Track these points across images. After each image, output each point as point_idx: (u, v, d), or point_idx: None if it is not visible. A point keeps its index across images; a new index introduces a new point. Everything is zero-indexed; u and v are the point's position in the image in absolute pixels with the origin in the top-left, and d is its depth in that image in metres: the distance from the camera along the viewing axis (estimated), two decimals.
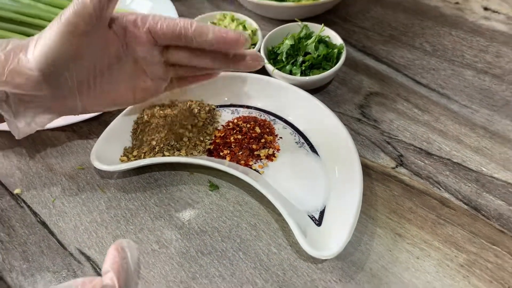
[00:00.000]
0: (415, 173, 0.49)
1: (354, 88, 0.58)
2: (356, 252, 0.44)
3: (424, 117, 0.54)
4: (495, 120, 0.53)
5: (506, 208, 0.46)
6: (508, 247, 0.43)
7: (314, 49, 0.54)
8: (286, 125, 0.53)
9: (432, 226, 0.45)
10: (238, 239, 0.45)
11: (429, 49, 0.62)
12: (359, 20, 0.66)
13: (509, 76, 0.58)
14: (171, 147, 0.49)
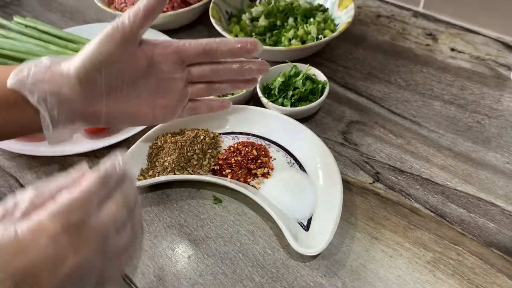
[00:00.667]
0: (389, 187, 0.57)
1: (337, 117, 0.67)
2: (338, 252, 0.51)
3: (398, 141, 0.63)
4: (458, 142, 0.62)
5: (467, 215, 0.54)
6: (468, 247, 0.51)
7: (301, 85, 0.64)
8: (279, 148, 0.61)
9: (404, 230, 0.53)
10: (238, 243, 0.53)
11: (403, 84, 0.71)
12: (342, 60, 0.77)
13: (472, 106, 0.67)
14: (181, 167, 0.58)
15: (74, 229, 0.29)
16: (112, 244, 0.32)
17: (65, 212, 0.29)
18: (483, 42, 0.78)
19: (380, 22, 0.84)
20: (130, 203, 0.34)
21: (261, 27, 0.77)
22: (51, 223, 0.28)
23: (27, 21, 0.81)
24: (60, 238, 0.29)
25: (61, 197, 0.30)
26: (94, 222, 0.30)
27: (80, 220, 0.30)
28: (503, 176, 0.57)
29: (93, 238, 0.30)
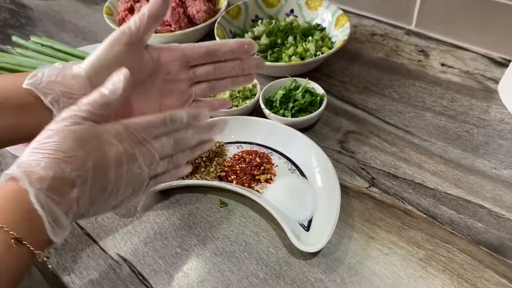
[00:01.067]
0: (384, 191, 0.61)
1: (335, 128, 0.71)
2: (337, 251, 0.55)
3: (392, 149, 0.67)
4: (449, 150, 0.66)
5: (457, 216, 0.58)
6: (458, 245, 0.55)
7: (301, 97, 0.69)
8: (281, 156, 0.66)
9: (398, 230, 0.57)
10: (244, 243, 0.57)
11: (396, 97, 0.76)
12: (339, 75, 0.82)
13: (461, 116, 0.71)
14: (190, 174, 0.62)
15: (134, 142, 0.41)
16: (153, 166, 0.43)
17: (140, 128, 0.42)
18: (472, 58, 0.83)
19: (375, 40, 0.90)
20: (182, 146, 0.46)
21: (263, 45, 0.82)
22: (120, 127, 0.41)
23: (43, 40, 0.86)
24: (126, 142, 0.41)
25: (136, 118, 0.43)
26: (149, 146, 0.43)
27: (142, 138, 0.42)
28: (490, 181, 0.61)
29: (145, 156, 0.42)
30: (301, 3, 0.90)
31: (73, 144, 0.38)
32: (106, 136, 0.40)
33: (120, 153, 0.40)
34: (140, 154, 0.42)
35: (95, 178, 0.38)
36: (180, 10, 0.87)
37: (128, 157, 0.41)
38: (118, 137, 0.40)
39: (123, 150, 0.40)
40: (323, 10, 0.88)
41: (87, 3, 1.10)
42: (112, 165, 0.40)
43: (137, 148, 0.42)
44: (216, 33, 0.82)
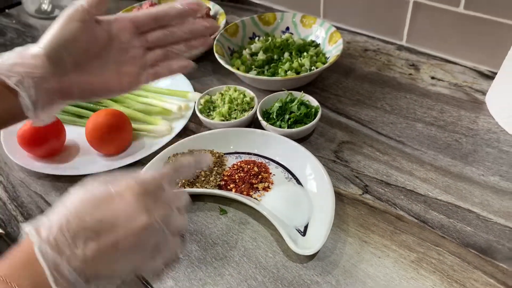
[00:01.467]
0: (377, 198, 0.64)
1: (330, 138, 0.74)
2: (332, 254, 0.57)
3: (384, 158, 0.70)
4: (439, 158, 0.69)
5: (446, 221, 0.60)
6: (448, 248, 0.57)
7: (297, 109, 0.72)
8: (277, 165, 0.69)
9: (390, 235, 0.59)
10: (243, 248, 0.59)
11: (388, 109, 0.79)
12: (333, 89, 0.85)
13: (450, 126, 0.75)
14: (190, 183, 0.65)
15: (150, 195, 0.40)
16: (173, 220, 0.42)
17: (148, 182, 0.41)
18: (460, 71, 0.87)
19: (367, 55, 0.94)
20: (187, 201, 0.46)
21: (260, 61, 0.86)
22: (137, 185, 0.40)
23: None
24: (141, 198, 0.39)
25: (144, 173, 0.43)
26: (164, 197, 0.42)
27: (156, 189, 0.41)
28: (479, 187, 0.64)
29: (162, 207, 0.41)
30: (296, 21, 0.94)
31: (86, 201, 0.39)
32: (117, 191, 0.40)
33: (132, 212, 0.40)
34: (155, 210, 0.41)
35: (104, 234, 0.38)
36: None
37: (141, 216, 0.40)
38: (130, 192, 0.40)
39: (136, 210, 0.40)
40: (317, 27, 0.92)
41: None
42: (120, 224, 0.39)
43: (153, 205, 0.41)
44: (215, 49, 0.86)
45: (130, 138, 0.74)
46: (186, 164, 0.47)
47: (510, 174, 0.65)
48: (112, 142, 0.71)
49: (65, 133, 0.75)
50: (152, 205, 0.40)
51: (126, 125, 0.72)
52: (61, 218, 0.38)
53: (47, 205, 0.67)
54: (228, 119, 0.74)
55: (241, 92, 0.78)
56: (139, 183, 0.41)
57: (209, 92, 0.80)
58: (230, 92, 0.78)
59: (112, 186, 0.40)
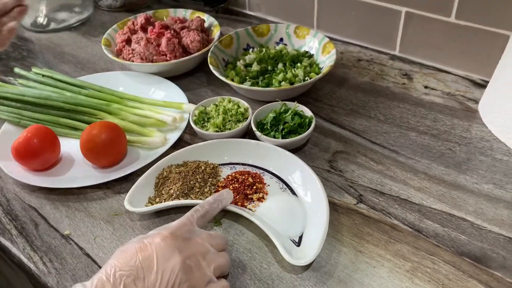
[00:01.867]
0: (371, 207, 0.64)
1: (324, 148, 0.75)
2: (327, 264, 0.57)
3: (378, 167, 0.70)
4: (432, 167, 0.70)
5: (441, 229, 0.60)
6: (443, 257, 0.57)
7: (291, 120, 0.72)
8: (272, 175, 0.69)
9: (385, 244, 0.59)
10: (237, 259, 0.59)
11: (382, 118, 0.80)
12: (327, 99, 0.85)
13: (444, 135, 0.75)
14: (184, 194, 0.65)
15: (179, 237, 0.48)
16: (210, 258, 0.50)
17: (175, 227, 0.50)
18: (453, 80, 0.87)
19: (361, 65, 0.94)
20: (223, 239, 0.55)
21: (254, 72, 0.86)
22: (164, 231, 0.49)
23: (44, 71, 0.90)
24: (168, 239, 0.47)
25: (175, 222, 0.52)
26: (195, 237, 0.51)
27: (184, 232, 0.50)
28: (473, 195, 0.64)
29: (195, 245, 0.49)
30: (290, 32, 0.95)
31: (123, 254, 0.47)
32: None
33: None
34: (187, 249, 0.49)
35: (145, 278, 0.45)
36: (175, 40, 0.92)
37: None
38: (160, 237, 0.48)
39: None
40: (310, 38, 0.93)
41: (86, 36, 1.15)
42: (157, 267, 0.46)
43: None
44: (210, 61, 0.86)
45: (124, 150, 0.74)
46: (211, 204, 0.57)
47: (503, 182, 0.66)
48: (106, 154, 0.71)
49: (59, 145, 0.75)
50: (183, 245, 0.48)
51: (120, 137, 0.72)
52: (100, 272, 0.45)
53: (41, 218, 0.67)
54: (222, 130, 0.75)
55: (235, 103, 0.79)
56: (167, 228, 0.49)
57: (203, 103, 0.80)
58: (225, 103, 0.78)
59: (145, 239, 0.48)
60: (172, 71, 0.92)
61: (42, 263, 0.60)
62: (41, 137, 0.71)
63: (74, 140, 0.78)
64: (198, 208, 0.55)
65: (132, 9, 1.24)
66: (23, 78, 0.92)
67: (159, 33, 0.94)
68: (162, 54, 0.92)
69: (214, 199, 0.58)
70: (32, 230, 0.65)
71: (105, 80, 0.91)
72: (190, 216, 0.53)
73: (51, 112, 0.81)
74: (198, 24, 0.97)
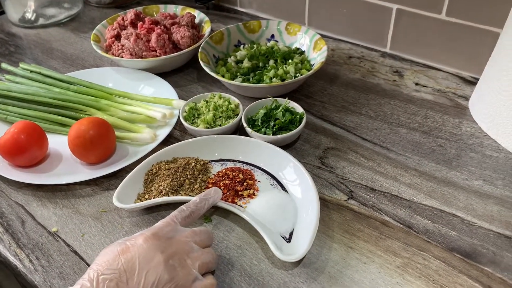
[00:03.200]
0: (362, 203, 0.64)
1: (315, 145, 0.74)
2: (317, 261, 0.57)
3: (369, 163, 0.70)
4: (423, 163, 0.70)
5: (431, 225, 0.60)
6: (433, 253, 0.57)
7: (282, 116, 0.72)
8: (263, 172, 0.68)
9: (376, 240, 0.59)
10: (227, 256, 0.58)
11: (373, 115, 0.80)
12: (318, 96, 0.85)
13: (434, 132, 0.75)
14: (174, 191, 0.64)
15: (162, 237, 0.48)
16: (195, 254, 0.49)
17: (157, 228, 0.50)
18: (444, 77, 0.87)
19: (352, 62, 0.94)
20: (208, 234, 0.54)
21: (245, 68, 0.86)
22: (147, 232, 0.48)
23: (32, 67, 0.89)
24: (150, 240, 0.47)
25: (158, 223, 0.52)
26: (178, 236, 0.50)
27: (167, 232, 0.49)
28: (463, 191, 0.64)
29: (178, 243, 0.49)
30: (281, 28, 0.95)
31: (106, 257, 0.46)
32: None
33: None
34: (170, 248, 0.49)
35: (129, 279, 0.45)
36: (165, 36, 0.91)
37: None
38: (142, 238, 0.48)
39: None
40: (302, 35, 0.92)
41: (75, 31, 1.14)
42: (140, 267, 0.46)
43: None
44: (200, 57, 0.86)
45: (113, 146, 0.73)
46: (197, 204, 0.56)
47: (493, 178, 0.66)
48: (95, 151, 0.70)
49: (47, 141, 0.73)
50: (165, 244, 0.47)
51: (109, 133, 0.71)
52: (83, 278, 0.45)
53: (28, 215, 0.66)
54: (213, 126, 0.74)
55: (226, 99, 0.78)
56: (150, 229, 0.49)
57: (193, 100, 0.80)
58: (215, 99, 0.78)
59: (128, 241, 0.47)
60: (162, 67, 0.92)
61: (28, 260, 0.59)
62: (28, 133, 0.70)
63: (62, 136, 0.77)
64: (183, 208, 0.55)
65: (122, 5, 1.23)
66: (10, 73, 0.90)
67: (149, 28, 0.93)
68: (152, 50, 0.91)
69: (201, 199, 0.57)
70: (18, 227, 0.64)
71: (94, 76, 0.90)
72: (173, 217, 0.53)
73: (38, 108, 0.80)
74: (188, 20, 0.97)
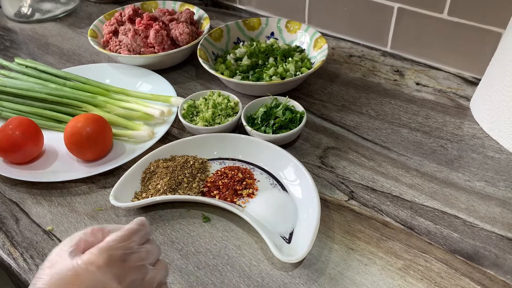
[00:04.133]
0: (363, 204, 0.63)
1: (315, 144, 0.73)
2: (318, 262, 0.56)
3: (370, 163, 0.69)
4: (424, 164, 0.69)
5: (433, 227, 0.59)
6: (435, 254, 0.56)
7: (282, 114, 0.71)
8: (262, 171, 0.67)
9: (377, 241, 0.58)
10: (226, 257, 0.57)
11: (373, 114, 0.79)
12: (318, 95, 0.84)
13: (436, 132, 0.74)
14: (172, 189, 0.63)
15: (117, 261, 0.39)
16: (150, 277, 0.41)
17: (111, 248, 0.39)
18: (445, 77, 0.87)
19: (352, 61, 0.93)
20: (158, 250, 0.44)
21: (244, 66, 0.85)
22: (98, 257, 0.38)
23: (28, 62, 0.88)
24: (104, 269, 0.38)
25: (108, 236, 0.40)
26: (134, 257, 0.40)
27: (122, 255, 0.39)
28: (465, 192, 0.64)
29: (134, 270, 0.39)
30: (281, 26, 0.94)
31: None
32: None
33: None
34: (127, 275, 0.40)
35: None
36: (164, 32, 0.90)
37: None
38: (95, 266, 0.39)
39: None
40: (302, 33, 0.91)
41: (72, 27, 1.12)
42: None
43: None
44: (199, 54, 0.84)
45: (110, 143, 0.72)
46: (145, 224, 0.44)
47: (495, 179, 0.65)
48: (91, 148, 0.69)
49: (42, 138, 0.72)
50: (121, 272, 0.39)
51: (106, 130, 0.70)
52: None
53: (23, 213, 0.64)
54: (212, 124, 0.73)
55: (225, 97, 0.77)
56: (103, 250, 0.39)
57: (192, 97, 0.78)
58: (214, 97, 0.77)
59: (77, 262, 0.37)
60: (160, 64, 0.90)
61: (22, 259, 0.58)
62: (24, 130, 0.69)
63: (58, 132, 0.76)
64: (137, 221, 0.44)
65: (120, 0, 1.21)
66: (5, 69, 0.89)
67: (147, 24, 0.91)
68: (150, 46, 0.90)
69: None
70: (12, 225, 0.63)
71: (91, 72, 0.89)
72: (129, 232, 0.42)
73: (34, 104, 0.79)
74: (187, 16, 0.95)
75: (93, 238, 0.40)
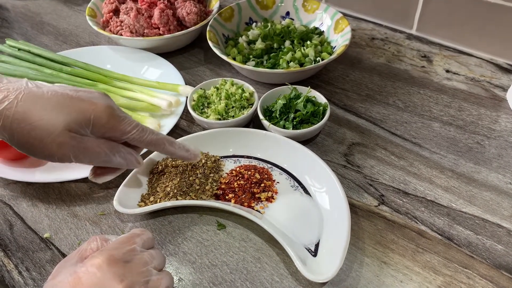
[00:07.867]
0: (395, 210, 0.57)
1: (338, 140, 0.67)
2: (348, 278, 0.50)
3: (400, 162, 0.63)
4: (460, 163, 0.62)
5: (474, 237, 0.53)
6: (478, 270, 0.50)
7: (303, 107, 0.64)
8: (282, 171, 0.61)
9: (412, 254, 0.52)
10: (245, 271, 0.51)
11: (401, 106, 0.72)
12: (339, 83, 0.77)
13: (470, 127, 0.67)
14: (183, 192, 0.57)
15: (119, 261, 0.38)
16: (154, 280, 0.40)
17: (114, 248, 0.39)
18: (477, 64, 0.79)
19: (375, 45, 0.85)
20: (162, 258, 0.44)
21: (258, 50, 0.77)
22: (98, 257, 0.38)
23: (20, 44, 0.80)
24: (106, 266, 0.37)
25: (114, 241, 0.41)
26: (137, 259, 0.40)
27: (124, 255, 0.39)
28: (507, 197, 0.57)
29: (137, 272, 0.39)
30: (298, 5, 0.85)
31: None
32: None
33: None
34: (130, 276, 0.39)
35: None
36: (169, 12, 0.82)
37: None
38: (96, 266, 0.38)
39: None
40: (321, 13, 0.83)
41: (68, 4, 1.04)
42: None
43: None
44: (208, 36, 0.77)
45: None
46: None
47: None
48: None
49: None
50: (124, 271, 0.38)
51: None
52: None
53: (17, 218, 0.58)
54: (225, 118, 0.66)
55: (239, 86, 0.70)
56: (105, 251, 0.39)
57: (202, 86, 0.71)
58: (227, 87, 0.69)
59: (81, 267, 0.38)
60: (166, 47, 0.82)
61: (17, 272, 0.52)
62: None
63: None
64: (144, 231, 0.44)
65: None
66: None
67: (151, 3, 0.83)
68: (154, 27, 0.82)
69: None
70: (6, 231, 0.56)
71: (90, 55, 0.81)
72: (135, 235, 0.43)
73: None
74: None
75: (97, 245, 0.40)
